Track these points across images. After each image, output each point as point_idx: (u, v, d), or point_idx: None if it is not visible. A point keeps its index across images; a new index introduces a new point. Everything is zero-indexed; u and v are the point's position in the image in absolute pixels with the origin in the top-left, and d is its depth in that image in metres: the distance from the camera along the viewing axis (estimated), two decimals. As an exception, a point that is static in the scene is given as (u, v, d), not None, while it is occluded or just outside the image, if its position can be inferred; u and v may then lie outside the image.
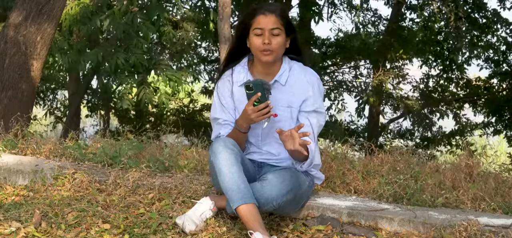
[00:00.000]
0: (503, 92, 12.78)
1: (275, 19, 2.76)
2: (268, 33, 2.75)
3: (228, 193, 2.61)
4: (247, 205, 2.57)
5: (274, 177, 2.68)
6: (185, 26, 9.94)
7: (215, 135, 2.90)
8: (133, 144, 3.94)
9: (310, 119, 2.81)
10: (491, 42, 12.64)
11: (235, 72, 2.91)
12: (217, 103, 2.93)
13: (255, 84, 2.65)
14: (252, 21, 2.79)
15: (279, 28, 2.77)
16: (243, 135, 2.81)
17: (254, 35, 2.78)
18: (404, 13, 13.11)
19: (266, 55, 2.77)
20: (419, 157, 4.16)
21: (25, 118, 5.02)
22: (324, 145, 4.64)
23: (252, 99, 2.66)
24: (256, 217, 2.57)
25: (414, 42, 12.57)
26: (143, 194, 3.18)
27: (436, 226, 2.66)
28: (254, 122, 2.73)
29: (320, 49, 13.28)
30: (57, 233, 2.69)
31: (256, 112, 2.66)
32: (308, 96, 2.83)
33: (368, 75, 13.32)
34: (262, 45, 2.75)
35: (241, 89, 2.85)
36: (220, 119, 2.90)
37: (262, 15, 2.77)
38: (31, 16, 5.59)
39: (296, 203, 2.82)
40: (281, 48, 2.80)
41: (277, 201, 2.64)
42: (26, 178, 3.49)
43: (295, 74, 2.86)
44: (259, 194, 2.63)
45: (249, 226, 2.55)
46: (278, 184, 2.65)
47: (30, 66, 5.64)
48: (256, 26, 2.77)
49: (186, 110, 13.23)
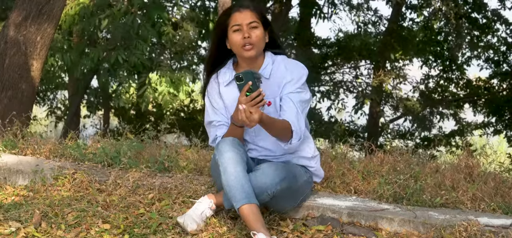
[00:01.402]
0: (503, 92, 12.78)
1: (251, 13, 2.81)
2: (246, 27, 2.79)
3: (231, 191, 2.61)
4: (250, 205, 2.57)
5: (268, 166, 2.69)
6: (185, 26, 9.95)
7: (212, 138, 2.91)
8: (133, 144, 3.94)
9: (291, 97, 2.80)
10: (491, 42, 12.64)
11: (220, 74, 2.93)
12: (209, 108, 2.95)
13: (245, 74, 2.65)
14: (229, 20, 2.82)
15: (256, 21, 2.81)
16: (240, 130, 2.82)
17: (233, 32, 2.81)
18: (404, 13, 13.10)
19: (248, 50, 2.79)
20: (419, 157, 4.16)
21: (25, 118, 5.02)
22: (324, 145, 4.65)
23: (244, 89, 2.64)
24: (258, 218, 2.57)
25: (414, 42, 12.57)
26: (143, 194, 3.18)
27: (436, 226, 2.66)
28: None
29: (320, 49, 13.28)
30: (57, 233, 2.69)
31: (249, 101, 2.62)
32: (287, 81, 2.83)
33: (369, 75, 13.32)
34: (242, 40, 2.78)
35: (228, 89, 2.87)
36: (214, 121, 2.91)
37: (237, 12, 2.82)
38: (31, 16, 5.59)
39: (292, 196, 2.80)
40: (261, 41, 2.83)
41: (271, 190, 2.63)
42: (26, 178, 3.49)
43: (277, 66, 2.87)
44: (253, 183, 2.63)
45: (252, 227, 2.56)
46: (271, 172, 2.66)
47: (30, 66, 5.64)
48: (234, 23, 2.80)
49: (186, 110, 13.24)
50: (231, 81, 2.87)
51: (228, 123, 2.89)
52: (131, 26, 8.51)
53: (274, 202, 2.73)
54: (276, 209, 2.87)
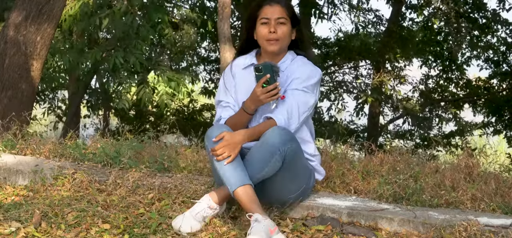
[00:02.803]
0: (503, 92, 12.78)
1: (281, 9, 2.86)
2: (274, 22, 2.85)
3: (225, 176, 2.65)
4: (244, 186, 2.61)
5: (275, 128, 2.70)
6: (186, 27, 9.95)
7: (217, 118, 2.97)
8: (133, 144, 3.94)
9: (295, 94, 2.82)
10: (491, 42, 12.64)
11: (241, 58, 3.00)
12: (221, 87, 3.02)
13: (265, 67, 2.74)
14: (259, 12, 2.89)
15: (285, 18, 2.87)
16: (248, 117, 2.85)
17: (260, 25, 2.87)
18: (404, 13, 13.11)
19: (272, 45, 2.86)
20: (419, 157, 4.16)
21: (25, 118, 5.01)
22: (324, 145, 4.65)
23: (261, 81, 2.73)
24: (253, 198, 2.60)
25: (414, 42, 12.57)
26: (143, 194, 3.18)
27: (436, 226, 2.66)
28: (262, 103, 2.79)
29: (320, 49, 13.27)
30: (57, 233, 2.69)
31: (265, 93, 2.73)
32: (296, 77, 2.86)
33: (368, 75, 13.32)
34: (268, 34, 2.85)
35: (243, 72, 2.94)
36: (222, 101, 2.97)
37: (268, 5, 2.87)
38: (31, 16, 5.59)
39: (295, 177, 2.80)
40: (287, 38, 2.89)
41: (282, 149, 2.63)
42: (26, 178, 3.49)
43: (294, 65, 2.92)
44: (263, 142, 2.64)
45: (247, 209, 2.59)
46: (280, 132, 2.67)
47: (30, 66, 5.64)
48: (263, 16, 2.87)
49: (186, 111, 13.23)
50: (249, 66, 2.94)
51: (235, 106, 2.93)
52: (131, 26, 8.51)
53: (278, 182, 2.73)
54: (277, 196, 2.85)
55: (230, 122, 2.90)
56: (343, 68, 13.54)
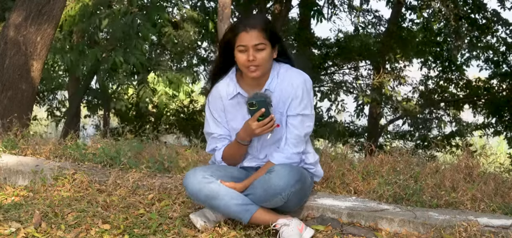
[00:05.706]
0: (503, 93, 12.77)
1: (258, 34, 2.69)
2: (252, 49, 2.68)
3: (234, 215, 2.71)
4: (256, 212, 2.67)
5: (281, 167, 2.66)
6: (186, 27, 9.94)
7: (211, 148, 2.92)
8: (133, 144, 3.94)
9: (295, 122, 2.78)
10: (491, 43, 12.64)
11: (224, 86, 2.87)
12: (210, 118, 2.91)
13: (259, 102, 2.66)
14: (235, 39, 2.72)
15: (263, 43, 2.70)
16: (244, 147, 2.84)
17: (239, 52, 2.72)
18: (403, 14, 13.10)
19: (252, 72, 2.72)
20: (419, 157, 4.16)
21: (25, 118, 5.02)
22: (324, 145, 4.65)
23: (256, 115, 2.67)
24: (268, 211, 2.67)
25: (413, 43, 12.57)
26: (143, 195, 3.18)
27: (436, 226, 2.66)
28: (258, 135, 2.75)
29: (320, 49, 13.28)
30: (57, 234, 2.69)
31: (261, 127, 2.68)
32: (293, 98, 2.78)
33: (368, 76, 13.32)
34: (247, 62, 2.70)
35: (231, 102, 2.84)
36: (214, 134, 2.89)
37: (243, 32, 2.69)
38: (31, 17, 5.59)
39: (300, 198, 2.80)
40: (268, 61, 2.75)
41: (285, 192, 2.61)
42: (26, 179, 3.49)
43: (281, 79, 2.81)
44: (267, 185, 2.62)
45: (269, 222, 2.65)
46: (286, 174, 2.62)
47: (30, 66, 5.64)
48: (239, 43, 2.70)
49: (186, 111, 13.23)
50: (235, 96, 2.83)
51: (229, 136, 2.88)
52: (131, 25, 8.51)
53: (286, 204, 2.70)
54: (282, 208, 2.85)
55: (227, 152, 2.87)
56: (343, 68, 13.54)
